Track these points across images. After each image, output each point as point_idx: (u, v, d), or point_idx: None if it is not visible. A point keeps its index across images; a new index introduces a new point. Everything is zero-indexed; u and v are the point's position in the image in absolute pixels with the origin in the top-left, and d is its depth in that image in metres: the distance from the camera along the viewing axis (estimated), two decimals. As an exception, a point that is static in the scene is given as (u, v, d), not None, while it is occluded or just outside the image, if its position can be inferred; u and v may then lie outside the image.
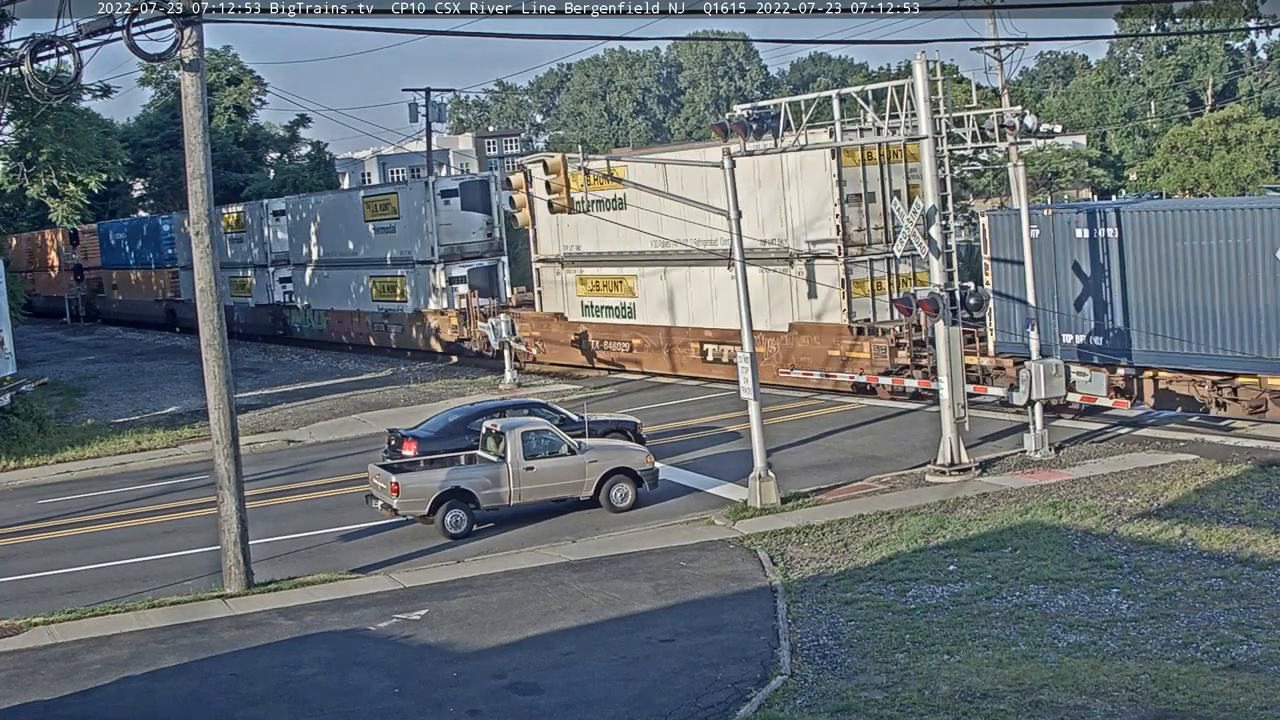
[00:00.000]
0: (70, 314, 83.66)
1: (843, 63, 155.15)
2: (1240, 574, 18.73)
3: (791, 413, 33.78)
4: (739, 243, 25.70)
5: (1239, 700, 14.27)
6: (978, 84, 44.80)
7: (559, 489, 25.14)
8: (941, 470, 25.89)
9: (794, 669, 16.30)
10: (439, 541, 24.02)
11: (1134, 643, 16.45)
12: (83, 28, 21.36)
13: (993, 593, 18.70)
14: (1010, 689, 14.92)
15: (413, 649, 18.23)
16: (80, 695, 17.18)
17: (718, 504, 25.51)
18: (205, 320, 21.57)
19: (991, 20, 56.02)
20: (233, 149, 79.86)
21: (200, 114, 21.14)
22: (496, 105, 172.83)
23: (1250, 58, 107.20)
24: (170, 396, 45.69)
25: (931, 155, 25.81)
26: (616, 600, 19.70)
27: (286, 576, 22.20)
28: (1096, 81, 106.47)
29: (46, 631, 20.03)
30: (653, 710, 15.33)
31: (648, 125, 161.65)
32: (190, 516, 27.55)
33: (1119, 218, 28.67)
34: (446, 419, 29.49)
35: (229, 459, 21.62)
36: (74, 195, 40.79)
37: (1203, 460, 25.39)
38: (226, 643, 18.95)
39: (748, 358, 25.20)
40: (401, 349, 53.07)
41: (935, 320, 26.20)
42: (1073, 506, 22.71)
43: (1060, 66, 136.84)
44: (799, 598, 19.21)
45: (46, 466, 34.77)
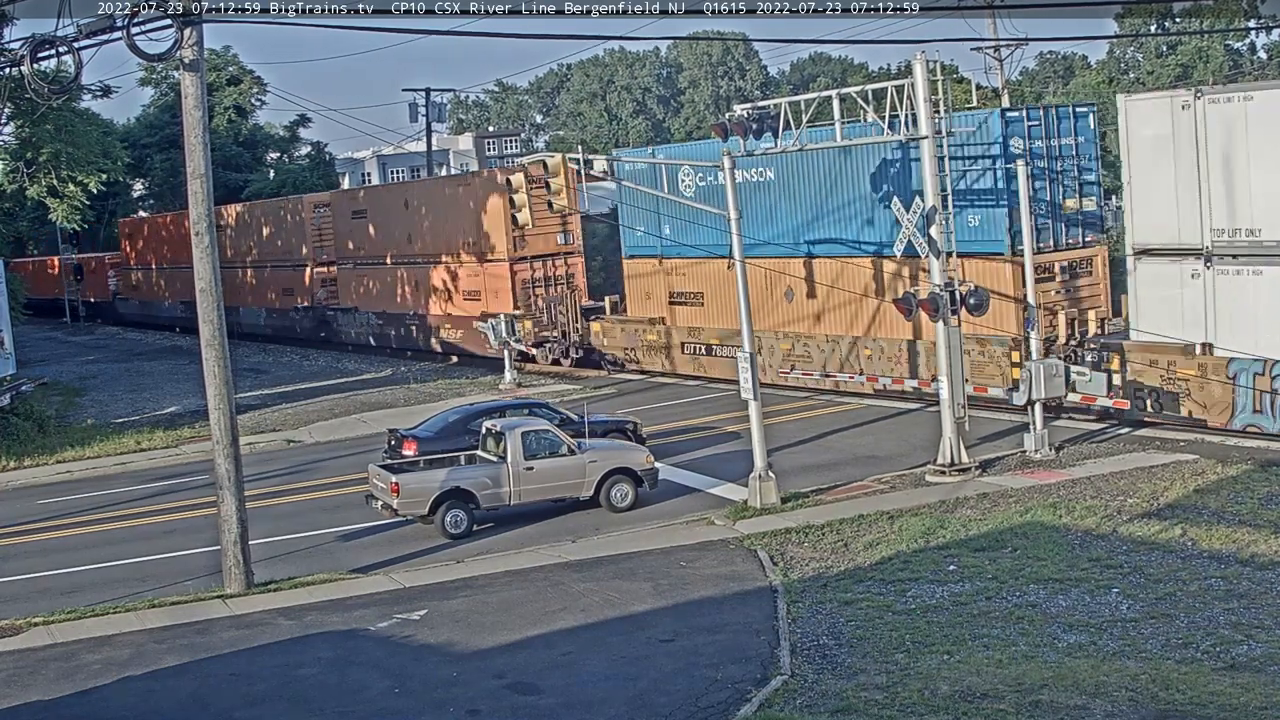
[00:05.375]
0: (70, 314, 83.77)
1: (843, 63, 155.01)
2: (1240, 574, 18.72)
3: (792, 413, 33.78)
4: (738, 243, 25.73)
5: (1239, 700, 14.26)
6: (978, 84, 44.68)
7: (559, 489, 25.14)
8: (941, 470, 25.89)
9: (794, 669, 16.29)
10: (439, 541, 24.02)
11: (1134, 643, 16.45)
12: (83, 28, 21.38)
13: (993, 593, 18.70)
14: (1010, 689, 14.91)
15: (413, 649, 18.23)
16: (80, 695, 17.17)
17: (718, 504, 25.50)
18: (205, 320, 21.57)
19: (991, 20, 55.97)
20: (233, 149, 79.88)
21: (200, 114, 21.14)
22: (496, 105, 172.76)
23: (1250, 58, 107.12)
24: (170, 396, 45.71)
25: (932, 155, 25.81)
26: (616, 600, 19.69)
27: (286, 576, 22.21)
28: (1096, 81, 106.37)
29: (46, 631, 20.02)
30: (653, 710, 15.33)
31: (648, 125, 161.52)
32: (190, 516, 27.55)
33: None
34: (446, 419, 29.51)
35: (229, 459, 21.62)
36: (74, 195, 40.80)
37: (1203, 460, 25.39)
38: (226, 643, 18.95)
39: (747, 357, 25.20)
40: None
41: (936, 320, 26.19)
42: (1073, 506, 22.71)
43: (1060, 66, 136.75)
44: (799, 598, 19.20)
45: (46, 466, 34.79)
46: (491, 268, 46.83)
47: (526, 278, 45.98)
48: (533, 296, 45.63)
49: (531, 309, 45.34)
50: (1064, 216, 31.25)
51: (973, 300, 26.07)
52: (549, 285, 46.04)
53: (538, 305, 45.37)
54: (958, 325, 26.34)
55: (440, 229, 49.73)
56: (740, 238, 25.78)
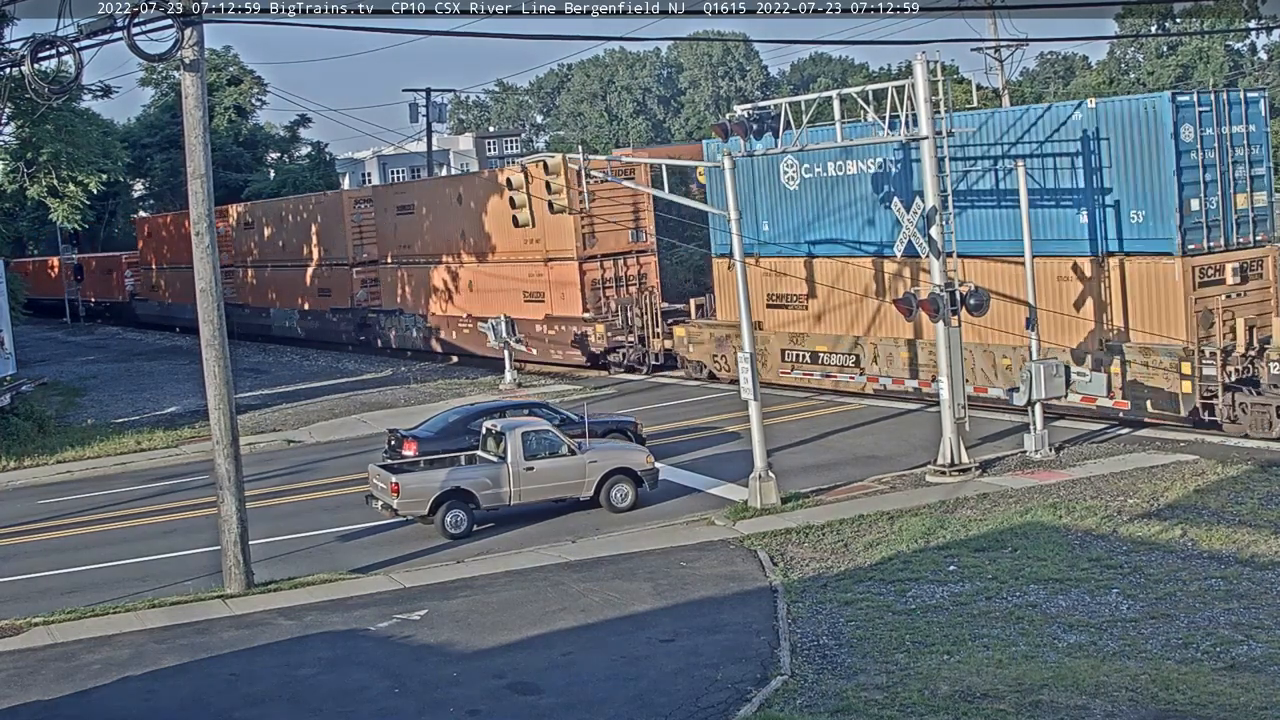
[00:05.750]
0: (70, 314, 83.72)
1: (843, 63, 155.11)
2: (1240, 574, 18.72)
3: (792, 413, 33.78)
4: (739, 242, 25.73)
5: (1239, 700, 14.26)
6: (978, 84, 44.65)
7: (559, 489, 25.14)
8: (942, 470, 25.89)
9: (794, 669, 16.29)
10: (439, 541, 24.02)
11: (1134, 643, 16.45)
12: (83, 28, 21.40)
13: (993, 593, 18.69)
14: (1010, 689, 14.91)
15: (413, 649, 18.22)
16: (80, 695, 17.17)
17: (718, 504, 25.50)
18: (205, 320, 21.57)
19: (992, 21, 55.98)
20: (233, 149, 79.93)
21: (200, 114, 21.14)
22: (497, 105, 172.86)
23: (1250, 58, 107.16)
24: (170, 396, 45.72)
25: (932, 155, 25.81)
26: (616, 600, 19.69)
27: (286, 576, 22.20)
28: (1097, 82, 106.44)
29: (46, 631, 20.02)
30: (653, 710, 15.33)
31: (648, 125, 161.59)
32: (190, 516, 27.55)
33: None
34: (446, 419, 29.51)
35: (229, 459, 21.62)
36: (74, 195, 40.78)
37: (1203, 460, 25.39)
38: (226, 643, 18.95)
39: (747, 357, 25.20)
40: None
41: (936, 321, 26.18)
42: (1073, 507, 22.71)
43: (1061, 67, 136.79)
44: (799, 598, 19.20)
45: (46, 466, 34.80)
46: (558, 267, 43.58)
47: (596, 278, 42.89)
48: (603, 298, 42.66)
49: (603, 312, 42.50)
50: (1236, 212, 28.35)
51: (973, 301, 26.07)
52: (619, 286, 42.99)
53: (609, 308, 42.44)
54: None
55: (498, 226, 45.22)
56: (740, 237, 25.80)
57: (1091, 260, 28.78)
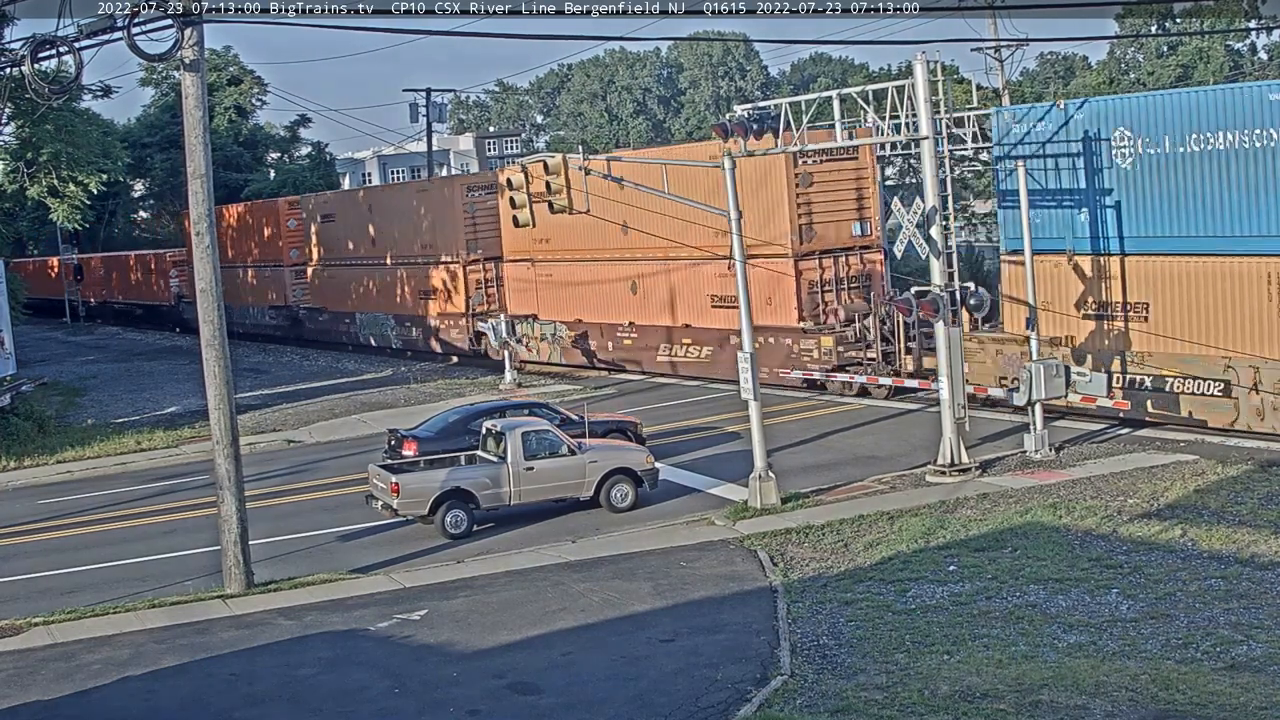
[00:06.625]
0: (70, 314, 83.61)
1: (843, 63, 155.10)
2: (1240, 574, 18.72)
3: (792, 413, 33.77)
4: (739, 242, 25.71)
5: (1239, 700, 14.26)
6: (978, 84, 44.65)
7: (559, 489, 25.14)
8: (942, 470, 25.89)
9: (794, 669, 16.29)
10: (439, 541, 24.02)
11: (1134, 643, 16.45)
12: (83, 28, 21.42)
13: (993, 593, 18.70)
14: (1010, 689, 14.91)
15: (413, 649, 18.23)
16: (80, 695, 17.18)
17: (718, 504, 25.50)
18: (205, 320, 21.58)
19: (992, 21, 55.94)
20: (233, 149, 79.85)
21: (200, 114, 21.14)
22: (497, 105, 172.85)
23: (1251, 58, 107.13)
24: (170, 396, 45.71)
25: (932, 155, 25.81)
26: (616, 600, 19.69)
27: (286, 576, 22.21)
28: (1097, 82, 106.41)
29: (46, 631, 20.03)
30: (653, 710, 15.33)
31: (648, 125, 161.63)
32: (190, 516, 27.55)
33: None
34: (446, 419, 29.51)
35: (229, 459, 21.63)
36: (74, 195, 40.78)
37: (1203, 460, 25.39)
38: (226, 643, 18.95)
39: (748, 357, 25.20)
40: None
41: (936, 321, 26.17)
42: (1073, 507, 22.71)
43: (1061, 67, 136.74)
44: (799, 598, 19.21)
45: (46, 466, 34.80)
46: (766, 265, 34.79)
47: (814, 279, 35.26)
48: (821, 304, 35.21)
49: (826, 321, 34.96)
50: None
51: (973, 301, 26.06)
52: (839, 288, 35.56)
53: (834, 316, 34.92)
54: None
55: (680, 215, 33.76)
56: (740, 237, 25.77)
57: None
